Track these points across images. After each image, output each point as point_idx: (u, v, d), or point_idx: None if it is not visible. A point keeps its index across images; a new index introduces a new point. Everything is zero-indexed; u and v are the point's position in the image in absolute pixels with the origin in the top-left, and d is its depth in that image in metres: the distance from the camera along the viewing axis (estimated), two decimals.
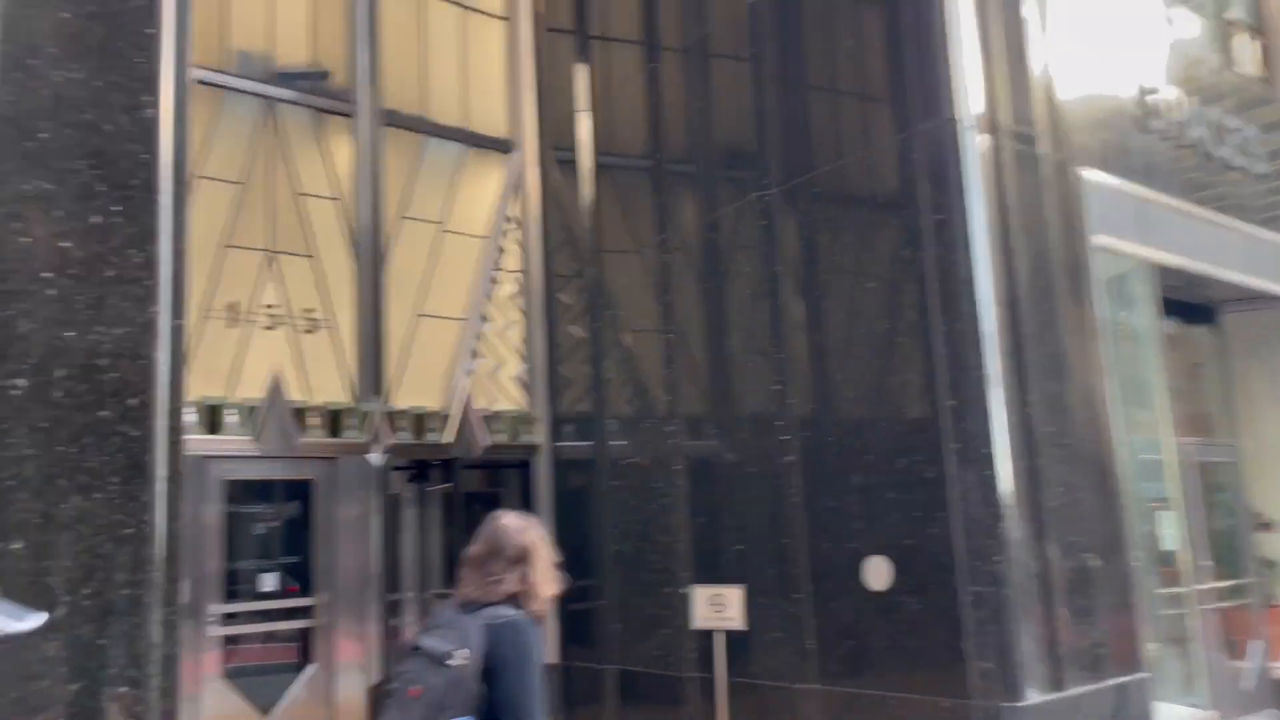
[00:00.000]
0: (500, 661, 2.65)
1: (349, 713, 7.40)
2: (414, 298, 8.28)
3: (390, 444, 7.86)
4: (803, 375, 6.53)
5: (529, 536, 2.90)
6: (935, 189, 5.75)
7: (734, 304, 7.05)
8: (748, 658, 6.68)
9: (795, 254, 6.67)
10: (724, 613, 6.70)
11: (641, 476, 7.75)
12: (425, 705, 2.57)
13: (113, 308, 2.73)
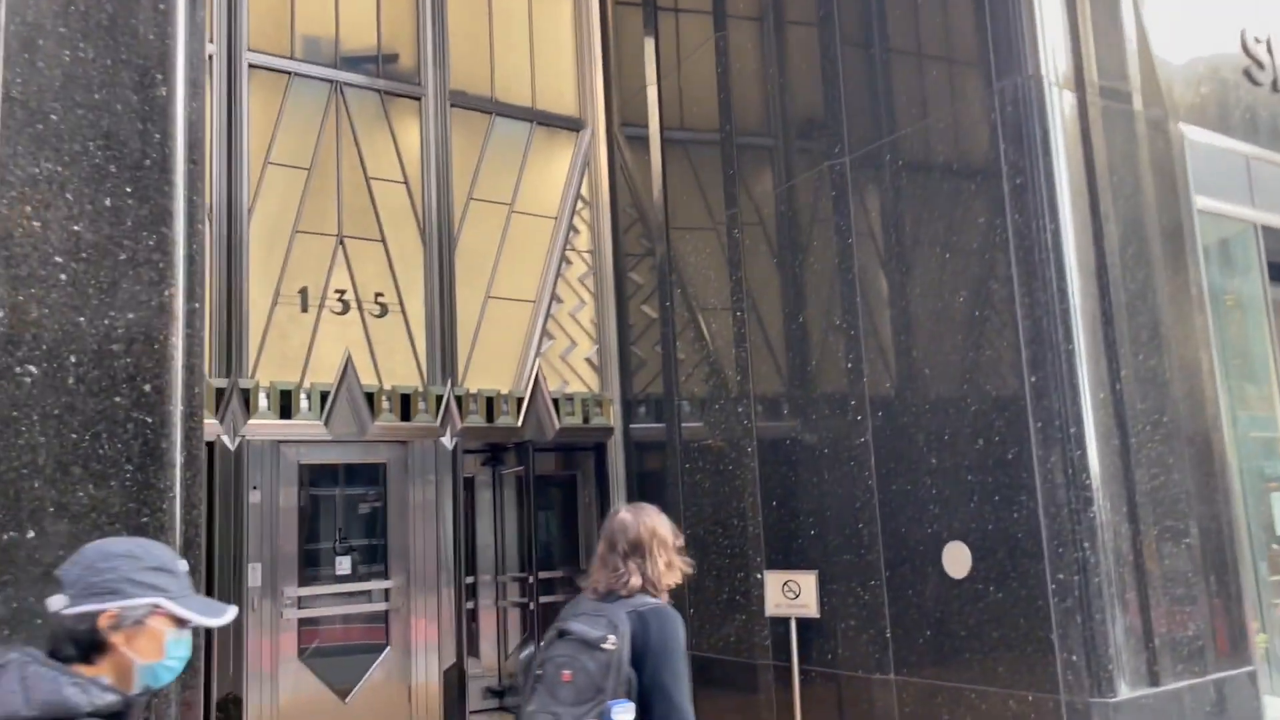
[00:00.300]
0: (646, 647, 2.71)
1: (425, 695, 7.42)
2: (484, 280, 8.22)
3: (462, 427, 7.83)
4: (877, 352, 6.24)
5: (642, 530, 2.94)
6: (1015, 151, 5.39)
7: (806, 279, 6.78)
8: (823, 646, 6.45)
9: (868, 225, 6.37)
10: (798, 600, 6.49)
11: (713, 459, 7.56)
12: (577, 689, 2.65)
13: (126, 291, 2.66)
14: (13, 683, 1.58)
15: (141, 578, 1.73)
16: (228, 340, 6.98)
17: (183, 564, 1.84)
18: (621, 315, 8.75)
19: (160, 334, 2.74)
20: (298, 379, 7.23)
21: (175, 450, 2.73)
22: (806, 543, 6.64)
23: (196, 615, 1.80)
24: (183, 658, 1.80)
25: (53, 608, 1.70)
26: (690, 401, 7.89)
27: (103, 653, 1.70)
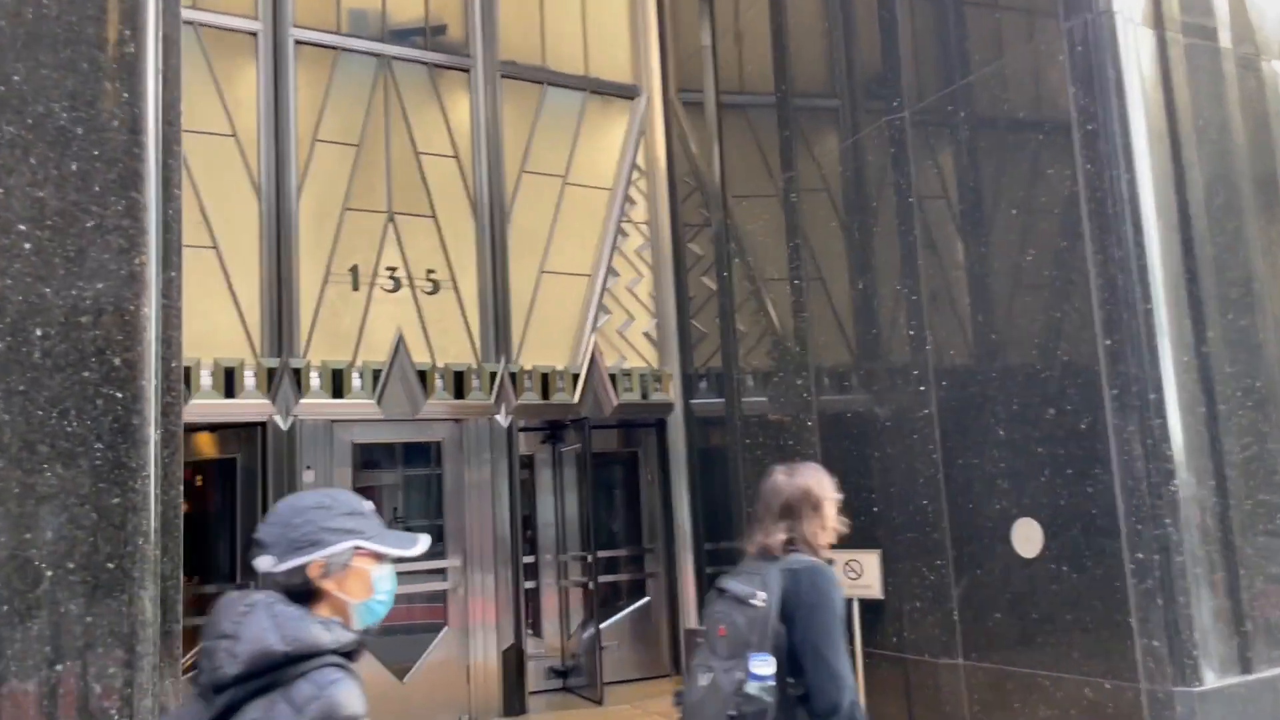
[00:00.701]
0: (798, 604, 2.72)
1: (484, 675, 7.33)
2: (537, 254, 8.05)
3: (517, 405, 7.69)
4: (941, 318, 5.87)
5: (794, 491, 2.95)
6: (1085, 95, 4.95)
7: (865, 243, 6.43)
8: (887, 629, 6.14)
9: (928, 183, 5.99)
10: (860, 580, 6.17)
11: (774, 434, 7.27)
12: (730, 643, 2.71)
13: (94, 260, 2.54)
14: (264, 619, 1.69)
15: (336, 524, 1.83)
16: (278, 320, 6.95)
17: (368, 504, 1.94)
18: (680, 288, 8.50)
19: (131, 304, 2.60)
20: (350, 358, 7.16)
21: (148, 427, 2.59)
22: (869, 520, 6.31)
23: (394, 549, 1.91)
24: (391, 590, 1.94)
25: (262, 568, 1.80)
26: (750, 375, 7.61)
27: (319, 599, 1.81)
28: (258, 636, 1.67)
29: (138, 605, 2.53)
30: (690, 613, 8.17)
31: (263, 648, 1.66)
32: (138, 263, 2.63)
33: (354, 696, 1.69)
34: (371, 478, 7.48)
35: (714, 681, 2.71)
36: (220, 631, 1.71)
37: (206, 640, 1.72)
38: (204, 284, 6.75)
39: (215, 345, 6.73)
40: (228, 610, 1.74)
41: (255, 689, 1.65)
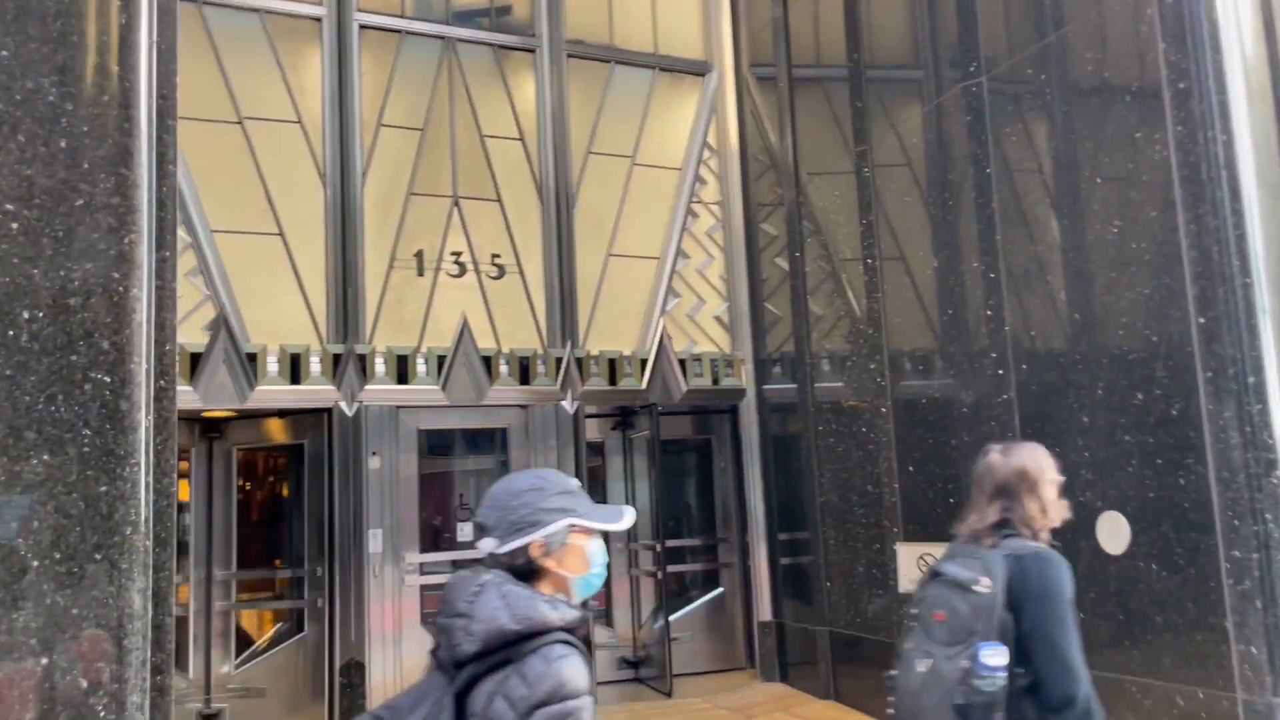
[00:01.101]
0: (1026, 593, 2.61)
1: None
2: (604, 237, 7.89)
3: (583, 390, 7.55)
4: (1020, 297, 5.50)
5: (1008, 470, 2.82)
6: (1176, 51, 4.53)
7: (940, 218, 6.08)
8: None
9: (1008, 152, 5.61)
10: None
11: (847, 420, 6.97)
12: (950, 629, 2.63)
13: (83, 239, 2.45)
14: (494, 599, 1.79)
15: (552, 504, 1.92)
16: (343, 305, 6.94)
17: (575, 481, 2.01)
18: (753, 269, 8.23)
19: (120, 285, 2.51)
20: (414, 344, 7.12)
21: (138, 412, 2.50)
22: (945, 512, 5.98)
23: (606, 524, 1.98)
24: (604, 561, 2.00)
25: (485, 549, 1.91)
26: (823, 359, 7.31)
27: (541, 577, 1.90)
28: (491, 616, 1.78)
29: (125, 598, 2.45)
30: (764, 605, 7.93)
31: (496, 626, 1.76)
32: (127, 242, 2.54)
33: (580, 672, 1.76)
34: (437, 464, 7.44)
35: (934, 668, 2.63)
36: (455, 610, 1.82)
37: (442, 618, 1.84)
38: (270, 271, 6.79)
39: (281, 331, 6.76)
40: (460, 590, 1.85)
41: (491, 664, 1.77)
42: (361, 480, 6.85)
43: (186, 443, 7.01)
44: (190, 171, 6.62)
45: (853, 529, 6.88)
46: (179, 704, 6.66)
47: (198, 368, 6.42)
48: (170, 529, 2.63)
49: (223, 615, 6.99)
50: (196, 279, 6.57)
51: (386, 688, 6.74)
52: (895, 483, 6.42)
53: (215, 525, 7.04)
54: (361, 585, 6.76)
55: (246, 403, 6.57)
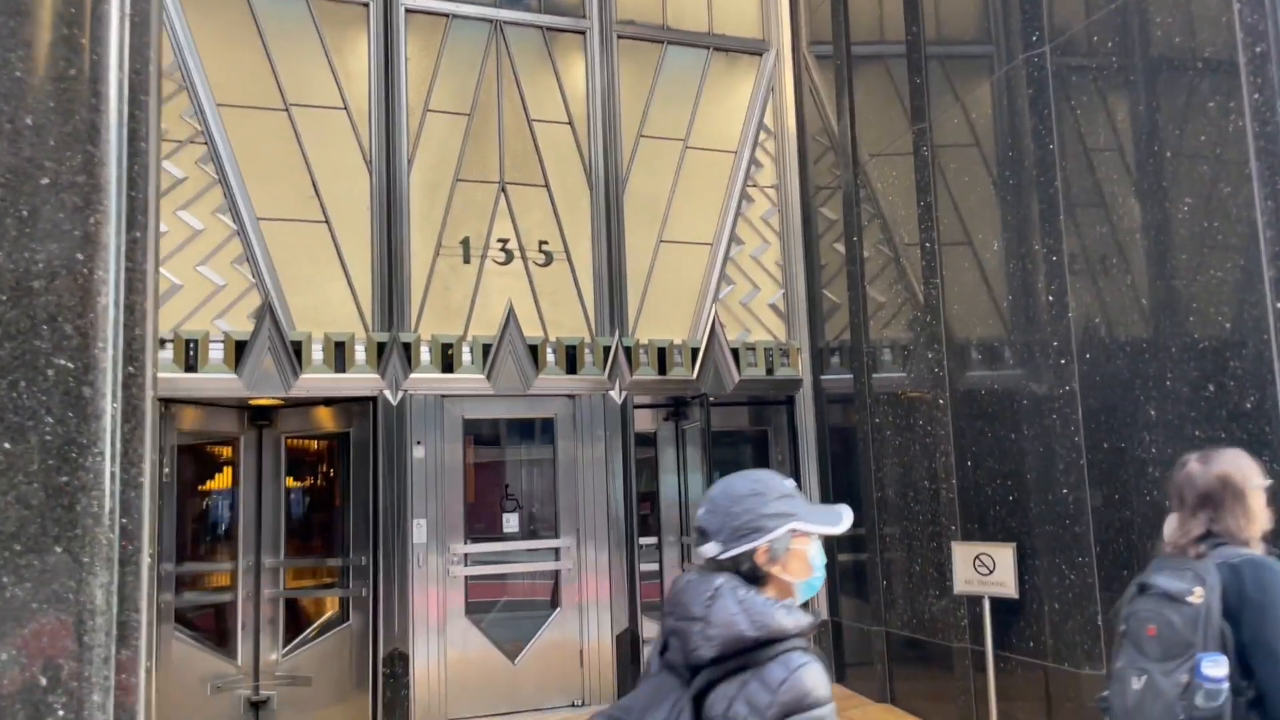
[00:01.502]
0: (1243, 601, 2.52)
1: (598, 660, 7.09)
2: (655, 222, 7.69)
3: (631, 380, 7.38)
4: (1084, 280, 5.14)
5: (1209, 479, 2.72)
6: (1254, 11, 4.15)
7: (999, 198, 5.73)
8: (1023, 631, 5.49)
9: (1071, 127, 5.24)
10: (991, 576, 5.55)
11: (903, 412, 6.67)
12: (1164, 644, 2.57)
13: (47, 220, 2.36)
14: (731, 604, 1.79)
15: (773, 509, 1.89)
16: (388, 293, 6.88)
17: (790, 482, 1.99)
18: (810, 255, 7.95)
19: (84, 267, 2.42)
20: (460, 332, 7.02)
21: (102, 399, 2.40)
22: (1004, 510, 5.66)
23: (826, 527, 1.95)
24: (824, 563, 1.98)
25: (708, 554, 1.90)
26: (880, 349, 7.01)
27: (765, 583, 1.89)
28: (729, 621, 1.77)
29: (86, 593, 2.36)
30: (820, 602, 7.67)
31: (735, 633, 1.76)
32: (92, 222, 2.44)
33: (822, 679, 1.76)
34: (482, 454, 7.35)
35: (1151, 684, 2.55)
36: (690, 614, 1.81)
37: (675, 620, 1.84)
38: (315, 258, 6.76)
39: (326, 319, 6.72)
40: (694, 593, 1.84)
41: (728, 669, 1.77)
42: (406, 469, 6.78)
43: (235, 430, 7.04)
44: (236, 159, 6.62)
45: (910, 526, 6.59)
46: (228, 690, 6.70)
47: (243, 356, 6.42)
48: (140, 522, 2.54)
49: (271, 602, 7.00)
50: (242, 266, 6.57)
51: (430, 679, 6.68)
52: (953, 478, 6.11)
53: (264, 512, 7.05)
54: (405, 575, 6.70)
55: (291, 391, 6.55)
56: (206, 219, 6.53)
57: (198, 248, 6.48)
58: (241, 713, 6.80)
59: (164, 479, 6.38)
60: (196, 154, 6.56)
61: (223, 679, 6.71)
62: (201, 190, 6.55)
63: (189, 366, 6.32)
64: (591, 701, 7.06)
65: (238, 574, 6.92)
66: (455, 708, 6.75)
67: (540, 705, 6.97)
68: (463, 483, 7.02)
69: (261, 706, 6.87)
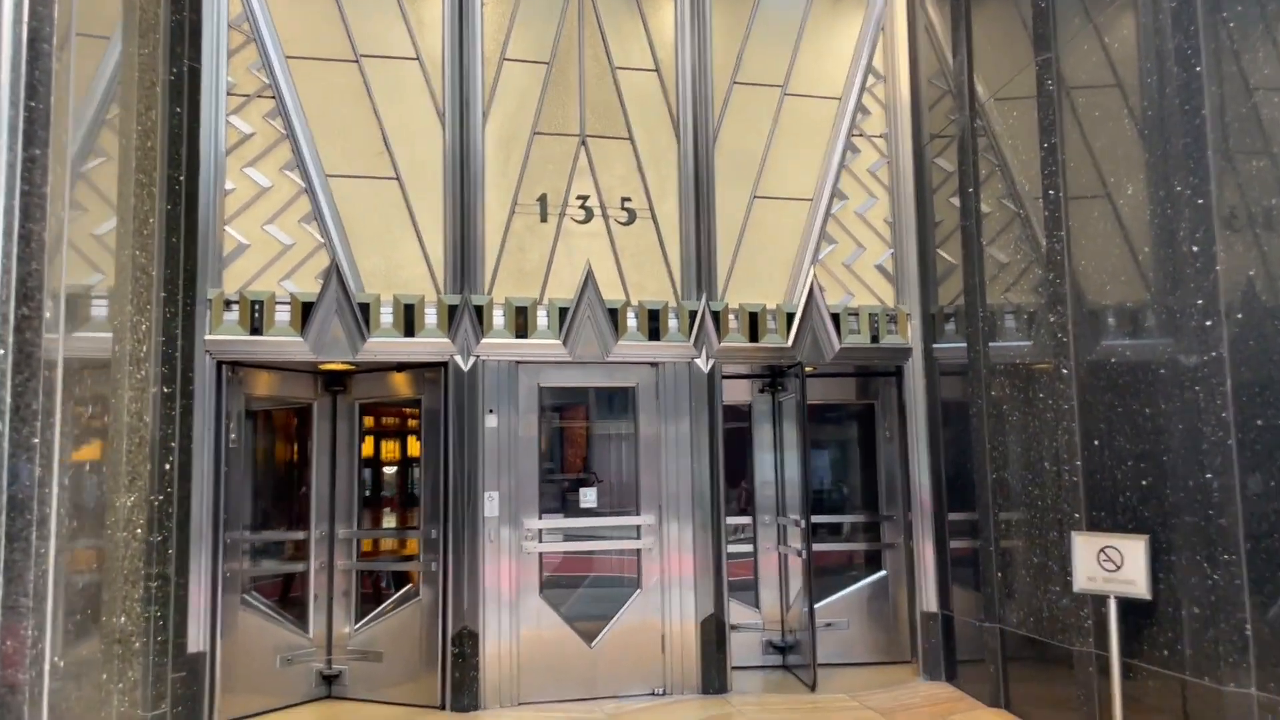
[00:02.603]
0: None
1: (680, 645, 6.61)
2: (749, 177, 7.08)
3: (720, 348, 6.82)
4: (1235, 227, 4.32)
5: None
6: None
7: (1136, 136, 4.92)
8: (1156, 638, 4.72)
9: (1221, 47, 4.40)
10: (1119, 573, 4.79)
11: (1022, 384, 5.91)
12: None
13: None
14: None
15: None
16: (460, 254, 6.52)
17: None
18: (922, 211, 7.20)
19: None
20: (536, 295, 6.61)
21: None
22: (1135, 497, 4.88)
23: None
24: None
25: None
26: (998, 313, 6.25)
27: None
28: None
29: None
30: (928, 593, 6.98)
31: None
32: None
33: None
34: (559, 424, 6.94)
35: None
36: None
37: None
38: (386, 216, 6.45)
39: (397, 281, 6.41)
40: None
41: None
42: (477, 439, 6.43)
43: (309, 396, 6.82)
44: (305, 113, 6.36)
45: (1028, 513, 5.84)
46: (300, 663, 6.51)
47: (309, 318, 6.17)
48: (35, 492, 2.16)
49: (345, 574, 6.78)
50: (310, 225, 6.31)
51: (501, 660, 6.34)
52: (1077, 459, 5.34)
53: (339, 482, 6.83)
54: (476, 550, 6.36)
55: (358, 356, 6.27)
56: (274, 176, 6.29)
57: (264, 206, 6.25)
58: (314, 686, 6.62)
59: (230, 445, 6.20)
60: (264, 108, 6.32)
61: (294, 651, 6.53)
62: (269, 146, 6.31)
63: (254, 329, 6.10)
64: (673, 691, 6.59)
65: (310, 544, 6.72)
66: (527, 691, 6.39)
67: (618, 692, 6.54)
68: (537, 454, 6.62)
69: (334, 680, 6.67)
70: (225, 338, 6.04)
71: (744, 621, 7.45)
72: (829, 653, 7.37)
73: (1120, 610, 4.86)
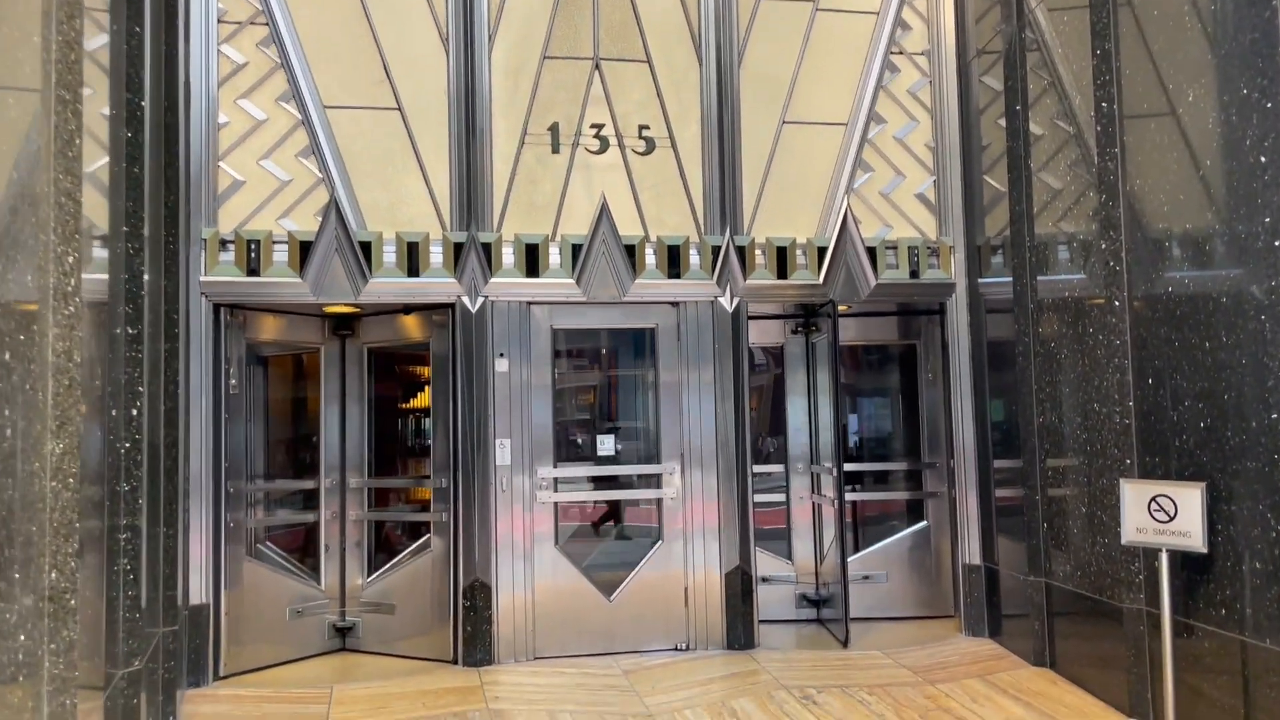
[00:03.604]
0: None
1: (704, 600, 6.29)
2: (777, 100, 6.58)
3: (745, 285, 6.40)
4: None
5: None
6: None
7: (1197, 28, 4.34)
8: (1214, 595, 4.25)
9: None
10: (1171, 524, 4.32)
11: (1072, 319, 5.39)
12: None
13: None
14: None
15: None
16: (467, 188, 6.16)
17: None
18: (967, 135, 6.64)
19: None
20: (548, 231, 6.24)
21: None
22: (1193, 440, 4.38)
23: None
24: None
25: None
26: (1048, 243, 5.72)
27: None
28: None
29: None
30: (971, 544, 6.54)
31: None
32: None
33: None
34: (573, 368, 6.60)
35: None
36: None
37: None
38: (388, 150, 6.11)
39: (400, 218, 6.09)
40: None
41: None
42: (487, 384, 6.12)
43: (316, 340, 6.57)
44: (300, 41, 6.02)
45: (1074, 458, 5.36)
46: (311, 615, 6.34)
47: (307, 257, 5.88)
48: None
49: (357, 525, 6.57)
50: (308, 160, 6.00)
51: (515, 614, 6.08)
52: (1129, 400, 4.84)
53: (349, 429, 6.59)
54: (487, 501, 6.08)
55: (360, 297, 5.98)
56: (269, 108, 5.98)
57: (260, 140, 5.95)
58: (327, 638, 6.44)
59: (231, 391, 5.97)
60: (257, 36, 5.99)
61: (305, 603, 6.34)
62: (263, 76, 5.98)
63: (251, 270, 5.83)
64: (696, 646, 6.28)
65: (321, 494, 6.50)
66: (543, 645, 6.13)
67: (638, 647, 6.25)
68: (551, 400, 6.29)
69: (348, 633, 6.48)
70: (221, 279, 5.78)
71: (776, 574, 7.10)
72: (865, 606, 6.99)
73: (1173, 564, 4.39)
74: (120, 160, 4.05)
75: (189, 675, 5.54)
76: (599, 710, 5.11)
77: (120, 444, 3.96)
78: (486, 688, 5.53)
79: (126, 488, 3.99)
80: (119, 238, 4.01)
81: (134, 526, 4.02)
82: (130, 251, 4.07)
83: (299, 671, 6.03)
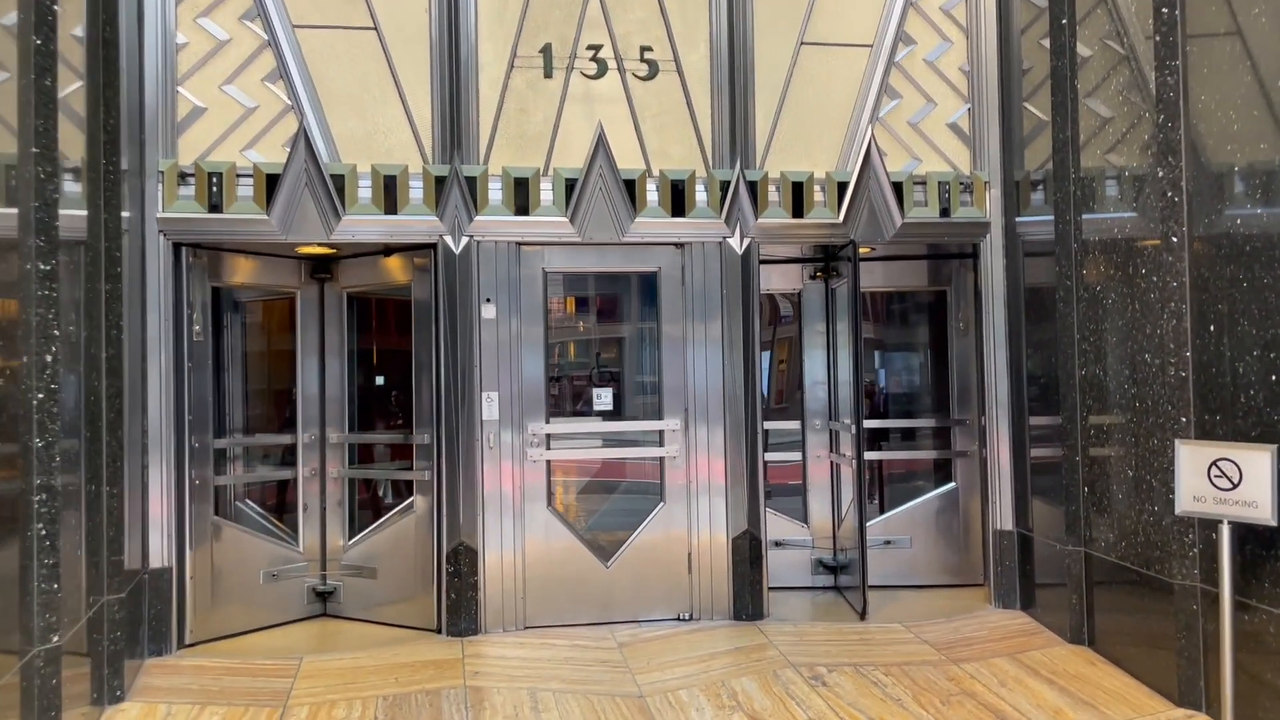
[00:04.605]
0: None
1: (710, 566, 5.80)
2: (794, 19, 5.95)
3: (757, 224, 5.82)
4: None
5: None
6: None
7: None
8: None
9: None
10: (1235, 492, 3.74)
11: (1122, 260, 4.78)
12: None
13: None
14: None
15: None
16: (451, 117, 5.61)
17: None
18: (1007, 57, 5.98)
19: None
20: (539, 165, 5.68)
21: None
22: (1262, 396, 3.79)
23: None
24: None
25: None
26: (1093, 178, 5.09)
27: None
28: None
29: None
30: (1004, 508, 5.98)
31: None
32: None
33: None
34: (568, 315, 6.07)
35: None
36: None
37: None
38: (364, 74, 5.56)
39: (378, 150, 5.56)
40: None
41: None
42: (472, 333, 5.62)
43: (292, 284, 6.09)
44: None
45: (1123, 415, 4.78)
46: (288, 578, 5.93)
47: (274, 192, 5.37)
48: None
49: (337, 482, 6.13)
50: (275, 85, 5.47)
51: (504, 580, 5.63)
52: (1186, 350, 4.25)
53: (328, 380, 6.13)
54: (472, 458, 5.60)
55: (332, 236, 5.47)
56: (232, 27, 5.44)
57: (222, 63, 5.42)
58: (306, 603, 6.03)
59: (196, 337, 5.51)
60: None
61: (281, 565, 5.93)
62: None
63: (213, 206, 5.33)
64: (700, 616, 5.80)
65: (298, 450, 6.06)
66: (534, 614, 5.68)
67: (638, 617, 5.78)
68: (543, 350, 5.77)
69: (329, 597, 6.07)
70: (180, 215, 5.29)
71: (791, 538, 6.60)
72: (887, 573, 6.48)
73: (1235, 538, 3.82)
74: (29, 73, 3.55)
75: (151, 644, 5.14)
76: (585, 689, 4.65)
77: (32, 394, 3.50)
78: (467, 661, 5.09)
79: (40, 443, 3.54)
80: (28, 160, 3.52)
81: (49, 487, 3.57)
82: (41, 176, 3.58)
83: (273, 639, 5.63)
